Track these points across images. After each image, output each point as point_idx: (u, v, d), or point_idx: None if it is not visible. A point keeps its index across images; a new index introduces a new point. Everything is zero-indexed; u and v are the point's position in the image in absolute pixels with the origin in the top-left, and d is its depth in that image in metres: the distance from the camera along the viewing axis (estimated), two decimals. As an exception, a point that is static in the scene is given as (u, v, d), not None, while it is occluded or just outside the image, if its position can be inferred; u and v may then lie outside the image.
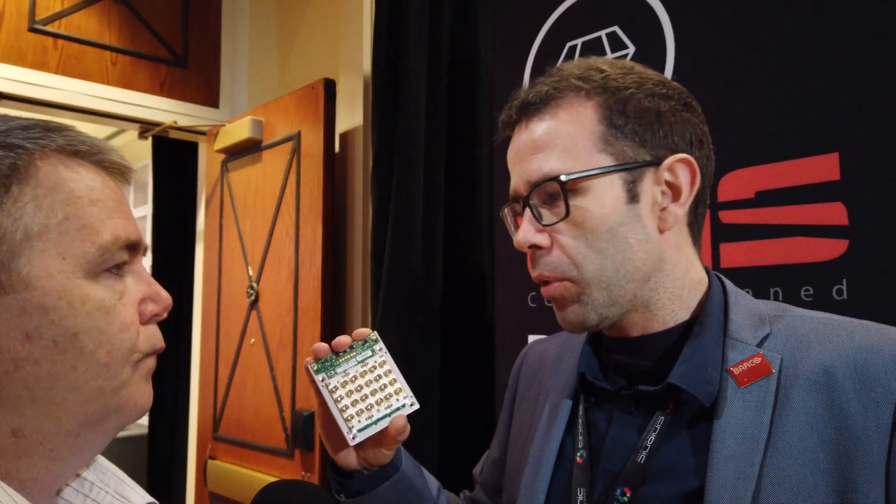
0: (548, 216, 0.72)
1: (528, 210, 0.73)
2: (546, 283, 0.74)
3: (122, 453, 3.67)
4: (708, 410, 0.67)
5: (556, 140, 0.71)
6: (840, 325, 0.67)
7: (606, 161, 0.70)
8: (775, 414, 0.64)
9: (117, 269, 0.58)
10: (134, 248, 0.60)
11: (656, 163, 0.71)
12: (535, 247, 0.72)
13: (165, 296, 0.62)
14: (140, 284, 0.61)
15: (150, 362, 0.62)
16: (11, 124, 0.56)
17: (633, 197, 0.70)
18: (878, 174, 0.99)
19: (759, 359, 0.67)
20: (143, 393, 0.60)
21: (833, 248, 1.03)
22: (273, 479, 1.87)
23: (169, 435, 3.19)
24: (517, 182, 0.75)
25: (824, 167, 1.04)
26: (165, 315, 0.63)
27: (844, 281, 1.01)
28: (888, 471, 0.58)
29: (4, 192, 0.53)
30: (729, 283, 0.76)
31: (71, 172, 0.57)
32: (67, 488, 0.64)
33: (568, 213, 0.69)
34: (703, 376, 0.68)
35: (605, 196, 0.70)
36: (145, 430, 3.38)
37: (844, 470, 0.60)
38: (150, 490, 3.52)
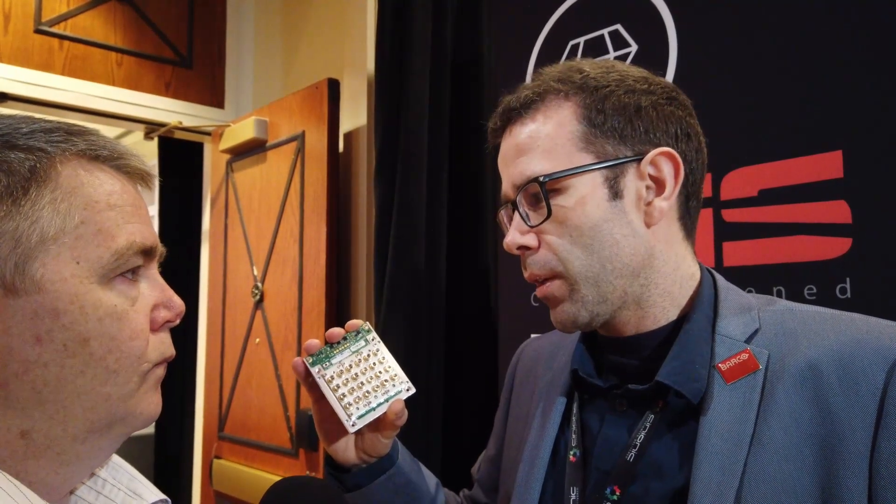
0: (533, 217, 0.73)
1: (516, 213, 0.74)
2: (539, 283, 0.75)
3: (130, 453, 3.67)
4: (696, 408, 0.67)
5: (536, 142, 0.72)
6: (827, 319, 0.67)
7: (587, 159, 0.71)
8: (761, 410, 0.64)
9: (132, 274, 0.58)
10: (149, 253, 0.60)
11: (638, 158, 0.72)
12: (524, 248, 0.74)
13: (178, 302, 0.62)
14: (154, 290, 0.61)
15: (159, 371, 0.61)
16: (34, 126, 0.56)
17: (615, 193, 0.71)
18: (881, 172, 0.99)
19: (747, 355, 0.67)
20: (151, 402, 0.60)
21: (836, 247, 1.02)
22: (278, 479, 1.87)
23: (176, 435, 3.20)
24: (506, 186, 0.77)
25: (828, 165, 1.04)
26: (178, 322, 0.62)
27: (848, 279, 1.01)
28: (872, 464, 0.58)
29: (23, 195, 0.53)
30: (720, 278, 0.76)
31: (90, 177, 0.57)
32: (81, 486, 0.64)
33: (549, 213, 0.70)
34: (690, 374, 0.68)
35: (586, 194, 0.70)
36: (152, 431, 3.40)
37: (829, 464, 0.60)
38: (158, 489, 3.52)
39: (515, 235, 0.74)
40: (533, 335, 1.46)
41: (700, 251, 1.16)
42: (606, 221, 0.70)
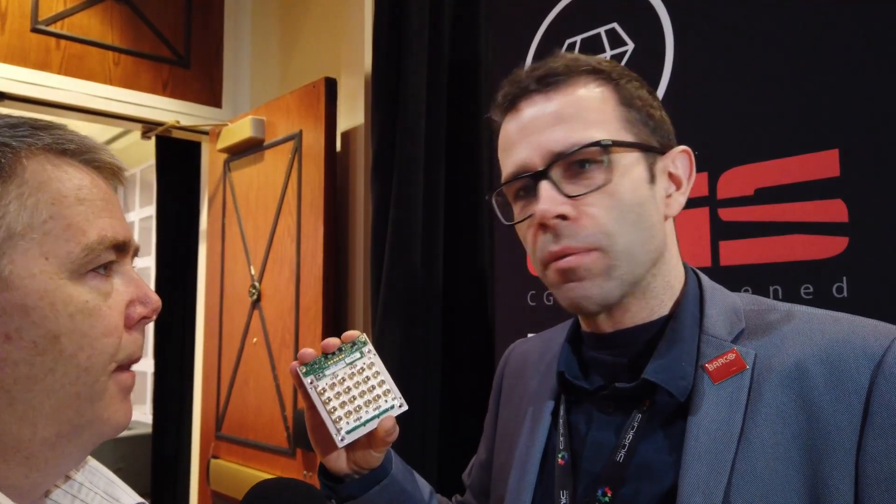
0: (573, 188, 0.69)
1: (545, 183, 0.69)
2: (563, 256, 0.69)
3: (128, 453, 3.68)
4: (683, 407, 0.67)
5: (583, 112, 0.70)
6: (814, 319, 0.67)
7: (631, 139, 0.71)
8: (748, 410, 0.64)
9: (104, 270, 0.57)
10: (122, 248, 0.58)
11: (663, 151, 0.73)
12: (562, 217, 0.68)
13: (154, 298, 0.61)
14: (128, 286, 0.59)
15: (128, 379, 0.60)
16: None
17: (652, 177, 0.72)
18: (878, 171, 0.98)
19: (734, 355, 0.67)
20: (119, 410, 0.59)
21: (833, 246, 1.02)
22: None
23: (173, 434, 3.20)
24: (530, 154, 0.70)
25: (824, 164, 1.03)
26: (154, 317, 0.61)
27: (845, 279, 1.00)
28: (858, 463, 0.58)
29: None
30: (704, 278, 0.76)
31: (58, 171, 0.56)
32: (56, 490, 0.63)
33: (605, 181, 0.68)
34: (676, 371, 0.67)
35: (634, 171, 0.70)
36: (150, 431, 3.39)
37: (815, 464, 0.60)
38: (155, 490, 3.51)
39: (552, 204, 0.68)
40: (530, 335, 1.45)
41: (696, 250, 1.16)
42: (647, 202, 0.70)
